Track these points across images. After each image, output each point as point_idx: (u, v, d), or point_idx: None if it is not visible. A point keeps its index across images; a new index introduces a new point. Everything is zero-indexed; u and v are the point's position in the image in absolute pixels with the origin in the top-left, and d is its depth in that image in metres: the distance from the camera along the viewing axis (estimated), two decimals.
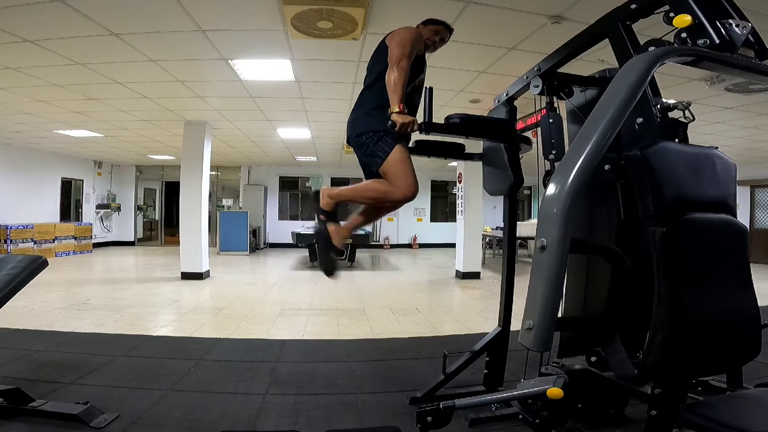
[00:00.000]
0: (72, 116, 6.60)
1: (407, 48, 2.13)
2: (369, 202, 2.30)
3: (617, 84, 1.10)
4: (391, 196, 2.15)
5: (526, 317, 1.03)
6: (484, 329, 3.39)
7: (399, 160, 2.11)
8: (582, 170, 0.99)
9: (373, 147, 2.15)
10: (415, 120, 2.04)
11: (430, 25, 2.45)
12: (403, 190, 2.10)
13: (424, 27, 2.44)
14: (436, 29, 2.44)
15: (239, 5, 3.15)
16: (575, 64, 2.05)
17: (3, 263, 2.26)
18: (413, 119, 2.04)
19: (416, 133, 2.16)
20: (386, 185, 2.15)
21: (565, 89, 2.02)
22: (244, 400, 2.54)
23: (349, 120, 2.33)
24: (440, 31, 2.45)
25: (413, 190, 2.13)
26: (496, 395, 1.71)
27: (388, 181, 2.14)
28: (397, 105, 2.03)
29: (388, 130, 2.12)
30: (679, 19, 1.32)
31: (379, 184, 2.17)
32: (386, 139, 2.13)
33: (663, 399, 1.31)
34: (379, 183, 2.18)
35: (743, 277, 1.36)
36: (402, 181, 2.10)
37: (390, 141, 2.13)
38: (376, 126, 2.16)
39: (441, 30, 2.45)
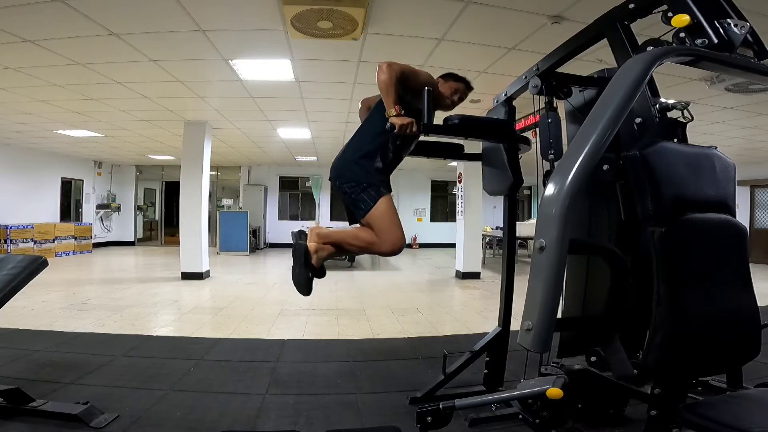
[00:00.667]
0: (72, 116, 6.60)
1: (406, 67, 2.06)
2: (356, 251, 2.25)
3: (616, 84, 1.10)
4: (377, 249, 2.09)
5: (525, 318, 1.03)
6: (484, 329, 3.39)
7: (384, 213, 2.05)
8: (581, 170, 0.99)
9: (357, 197, 2.09)
10: (413, 121, 1.99)
11: (451, 80, 2.32)
12: (389, 244, 2.05)
13: (444, 82, 2.32)
14: (457, 87, 2.32)
15: (239, 5, 3.15)
16: (574, 64, 2.05)
17: (3, 263, 2.26)
18: (412, 120, 1.99)
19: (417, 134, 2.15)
20: (373, 236, 2.08)
21: (563, 89, 2.02)
22: (244, 400, 2.54)
23: (335, 162, 2.23)
24: (460, 90, 2.33)
25: (400, 244, 2.06)
26: (496, 395, 1.71)
27: (375, 232, 2.07)
28: (393, 108, 1.98)
29: (373, 182, 2.08)
30: (678, 19, 1.32)
31: (367, 235, 2.10)
32: (370, 192, 2.07)
33: (663, 399, 1.31)
34: (366, 233, 2.11)
35: (743, 277, 1.36)
36: (388, 235, 2.04)
37: (374, 194, 2.07)
38: (362, 177, 2.10)
39: (461, 89, 2.33)
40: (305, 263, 2.18)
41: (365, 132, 2.22)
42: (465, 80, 2.35)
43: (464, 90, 2.35)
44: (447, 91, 2.31)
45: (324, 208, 13.74)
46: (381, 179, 2.13)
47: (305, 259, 2.18)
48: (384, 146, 2.15)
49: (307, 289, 2.23)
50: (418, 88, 2.09)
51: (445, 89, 2.31)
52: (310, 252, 2.18)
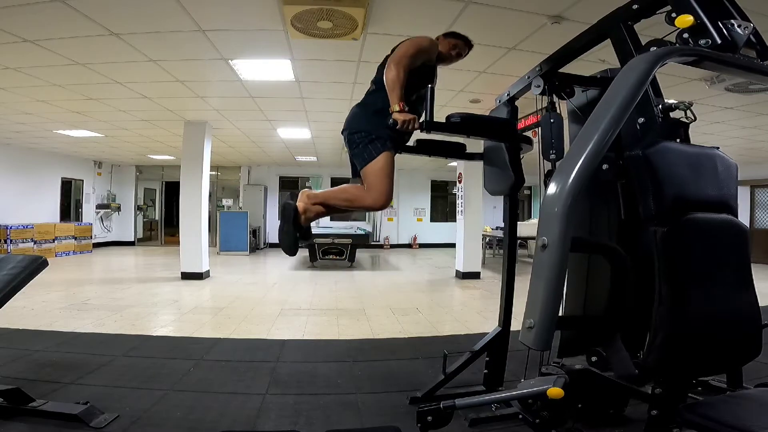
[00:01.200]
0: (72, 116, 6.59)
1: (411, 50, 2.14)
2: (341, 204, 2.30)
3: (618, 84, 1.10)
4: (361, 201, 2.18)
5: (527, 316, 1.03)
6: (484, 329, 3.39)
7: (381, 167, 2.13)
8: (583, 170, 0.99)
9: (363, 147, 2.17)
10: (415, 118, 2.05)
11: (450, 38, 2.44)
12: (374, 196, 2.13)
13: (444, 39, 2.43)
14: (455, 43, 2.43)
15: (239, 5, 3.15)
16: (577, 64, 2.05)
17: (3, 263, 2.26)
18: (414, 117, 2.05)
19: (417, 132, 2.17)
20: (359, 190, 2.18)
21: (566, 89, 2.02)
22: (244, 400, 2.54)
23: (350, 114, 2.34)
24: (459, 46, 2.44)
25: (385, 199, 2.14)
26: (496, 395, 1.71)
27: (365, 184, 2.16)
28: (397, 103, 2.04)
29: (381, 135, 2.14)
30: (681, 20, 1.32)
31: (354, 189, 2.21)
32: (376, 144, 2.15)
33: (663, 399, 1.31)
34: (353, 188, 2.22)
35: (744, 277, 1.36)
36: (377, 188, 2.12)
37: (379, 146, 2.14)
38: (372, 128, 2.17)
39: (460, 45, 2.44)
40: (293, 222, 2.25)
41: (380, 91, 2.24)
42: (464, 37, 2.46)
43: (463, 45, 2.45)
44: (447, 48, 2.41)
45: None
46: (389, 134, 2.17)
47: (294, 218, 2.24)
48: None
49: (293, 249, 2.31)
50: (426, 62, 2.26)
51: (445, 46, 2.42)
52: (299, 211, 2.25)
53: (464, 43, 2.45)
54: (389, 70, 2.08)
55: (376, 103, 2.23)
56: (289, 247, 2.29)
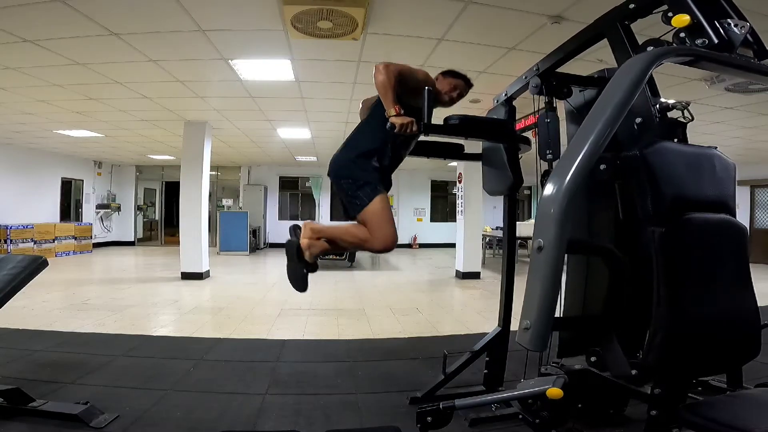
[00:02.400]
0: (72, 116, 6.60)
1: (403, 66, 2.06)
2: (349, 246, 2.28)
3: (615, 84, 1.10)
4: (369, 246, 2.11)
5: (524, 317, 1.03)
6: (484, 329, 3.39)
7: (378, 211, 2.07)
8: (579, 170, 0.99)
9: (353, 195, 2.11)
10: (413, 120, 1.99)
11: (449, 77, 2.31)
12: (381, 241, 2.07)
13: (443, 78, 2.31)
14: (456, 84, 2.30)
15: (239, 5, 3.15)
16: (574, 64, 2.05)
17: (3, 263, 2.26)
18: (412, 120, 1.99)
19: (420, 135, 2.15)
20: (366, 233, 2.11)
21: (563, 89, 2.02)
22: (244, 400, 2.54)
23: (333, 158, 2.25)
24: (459, 87, 2.31)
25: (392, 241, 2.08)
26: (496, 395, 1.71)
27: (368, 229, 2.09)
28: (393, 108, 1.98)
29: (370, 180, 2.09)
30: (678, 19, 1.32)
31: (360, 231, 2.13)
32: (366, 190, 2.09)
33: (663, 399, 1.31)
34: (359, 230, 2.13)
35: (743, 277, 1.36)
36: (381, 232, 2.06)
37: (369, 192, 2.08)
38: (359, 175, 2.11)
39: (460, 85, 2.31)
40: (298, 259, 2.22)
41: (363, 131, 2.22)
42: (465, 77, 2.34)
43: (464, 87, 2.34)
44: (446, 88, 2.30)
45: (324, 208, 13.74)
46: (378, 177, 2.13)
47: (298, 256, 2.22)
48: (382, 146, 2.15)
49: (302, 285, 2.26)
50: (416, 87, 2.08)
51: (444, 86, 2.30)
52: (302, 248, 2.21)
53: (465, 84, 2.33)
54: (378, 73, 1.99)
55: (358, 147, 2.16)
56: (298, 284, 2.25)
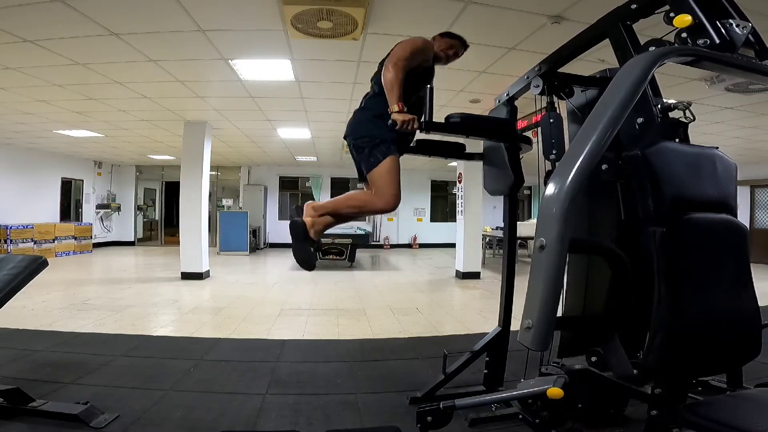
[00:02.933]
0: (72, 116, 6.60)
1: (408, 51, 2.14)
2: (351, 211, 2.31)
3: (617, 84, 1.10)
4: (372, 205, 2.19)
5: (525, 317, 1.03)
6: (484, 329, 3.39)
7: (389, 170, 2.13)
8: (581, 170, 0.99)
9: (368, 152, 2.17)
10: (415, 118, 2.05)
11: (446, 38, 2.45)
12: (385, 199, 2.13)
13: (440, 39, 2.44)
14: (452, 43, 2.44)
15: (239, 5, 3.15)
16: (576, 64, 2.05)
17: (3, 263, 2.26)
18: (413, 117, 2.05)
19: (417, 132, 2.17)
20: (368, 195, 2.19)
21: (565, 89, 2.02)
22: (244, 400, 2.54)
23: (351, 120, 2.34)
24: (455, 45, 2.45)
25: (395, 201, 2.14)
26: (496, 395, 1.71)
27: (374, 188, 2.16)
28: (396, 104, 2.04)
29: (385, 139, 2.14)
30: (680, 19, 1.32)
31: (362, 194, 2.23)
32: (381, 147, 2.15)
33: (663, 399, 1.31)
34: (361, 194, 2.24)
35: (743, 277, 1.36)
36: (386, 190, 2.13)
37: (384, 149, 2.14)
38: (375, 133, 2.17)
39: (456, 44, 2.45)
40: (304, 238, 2.24)
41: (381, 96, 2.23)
42: (460, 37, 2.47)
43: (459, 46, 2.46)
44: (443, 46, 2.42)
45: None
46: (394, 137, 2.17)
47: (304, 234, 2.24)
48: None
49: (310, 263, 2.30)
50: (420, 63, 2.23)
51: (442, 45, 2.42)
52: (307, 226, 2.24)
53: (460, 43, 2.47)
54: (387, 72, 2.08)
55: (376, 107, 2.22)
56: (306, 262, 2.29)
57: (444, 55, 2.43)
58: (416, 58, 2.19)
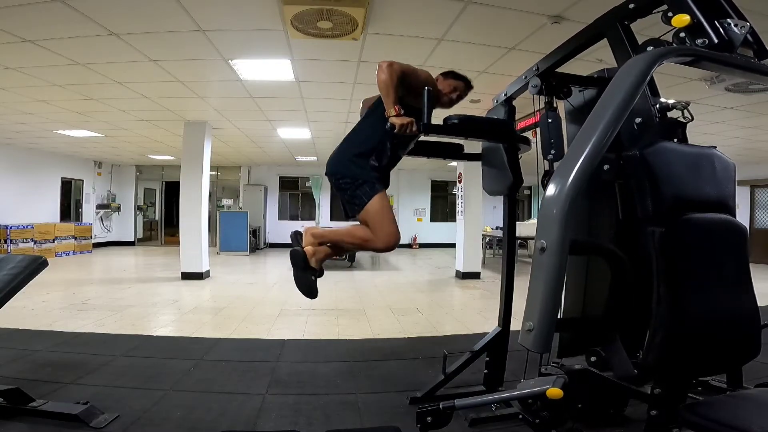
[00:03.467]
0: (72, 116, 6.60)
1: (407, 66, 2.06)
2: (352, 248, 2.28)
3: (616, 84, 1.10)
4: (372, 245, 2.12)
5: (527, 318, 1.03)
6: (484, 329, 3.39)
7: (378, 209, 2.07)
8: (581, 171, 0.99)
9: (352, 194, 2.11)
10: (413, 121, 2.00)
11: (450, 78, 2.32)
12: (384, 240, 2.07)
13: (443, 79, 2.32)
14: (456, 85, 2.31)
15: (239, 5, 3.15)
16: (574, 63, 2.05)
17: (3, 263, 2.26)
18: (412, 120, 1.99)
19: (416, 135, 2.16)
20: (368, 233, 2.11)
21: (563, 89, 2.02)
22: (244, 400, 2.54)
23: (331, 157, 2.24)
24: (459, 88, 2.32)
25: (395, 240, 2.08)
26: (496, 395, 1.71)
27: (370, 228, 2.10)
28: (393, 108, 1.98)
29: (368, 179, 2.09)
30: (678, 19, 1.32)
31: (361, 232, 2.14)
32: (365, 188, 2.09)
33: (663, 399, 1.31)
34: (361, 230, 2.15)
35: (743, 277, 1.36)
36: (383, 231, 2.07)
37: (368, 190, 2.09)
38: (357, 173, 2.11)
39: (460, 87, 2.32)
40: (305, 268, 2.20)
41: (362, 131, 2.22)
42: (465, 78, 2.35)
43: (464, 88, 2.35)
44: (446, 89, 2.30)
45: (324, 208, 13.75)
46: (376, 176, 2.13)
47: (305, 264, 2.20)
48: (381, 145, 2.15)
49: (312, 292, 2.23)
50: (417, 88, 2.07)
51: (445, 87, 2.30)
52: (308, 256, 2.20)
53: (465, 86, 2.34)
54: (380, 72, 1.99)
55: (356, 147, 2.16)
56: (308, 291, 2.24)
57: (447, 98, 2.31)
58: (411, 75, 2.08)
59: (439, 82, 2.31)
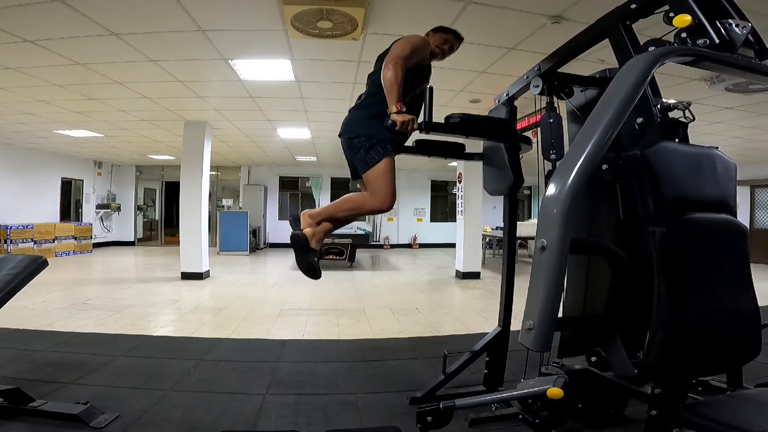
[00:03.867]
0: (72, 116, 6.60)
1: (407, 50, 2.14)
2: (348, 214, 2.32)
3: (617, 84, 1.10)
4: (367, 206, 2.21)
5: (527, 317, 1.03)
6: (484, 329, 3.39)
7: (384, 170, 2.15)
8: (582, 170, 0.99)
9: (364, 152, 2.18)
10: (414, 118, 2.06)
11: (440, 33, 2.45)
12: (380, 199, 2.15)
13: (434, 34, 2.44)
14: (446, 38, 2.44)
15: (239, 5, 3.15)
16: (575, 64, 2.05)
17: (3, 263, 2.26)
18: (412, 117, 2.05)
19: (416, 132, 2.17)
20: (363, 196, 2.21)
21: (565, 89, 2.02)
22: (244, 400, 2.54)
23: (346, 119, 2.33)
24: (449, 40, 2.45)
25: (391, 200, 2.16)
26: (496, 395, 1.71)
27: (369, 188, 2.18)
28: (395, 104, 2.04)
29: (382, 139, 2.15)
30: (679, 19, 1.32)
31: (357, 196, 2.25)
32: (377, 148, 2.16)
33: (663, 399, 1.31)
34: (355, 196, 2.26)
35: (743, 277, 1.36)
36: (382, 191, 2.15)
37: (380, 150, 2.16)
38: (372, 132, 2.18)
39: (450, 39, 2.46)
40: (307, 250, 2.25)
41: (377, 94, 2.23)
42: (455, 31, 2.47)
43: (453, 40, 2.46)
44: (437, 42, 2.42)
45: None
46: (390, 137, 2.18)
47: (307, 247, 2.25)
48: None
49: (315, 273, 2.30)
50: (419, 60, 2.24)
51: (436, 40, 2.42)
52: (308, 237, 2.25)
53: (455, 37, 2.46)
54: (387, 70, 2.07)
55: (372, 107, 2.22)
56: (311, 272, 2.29)
57: (440, 50, 2.44)
58: (415, 56, 2.19)
59: (431, 37, 2.43)
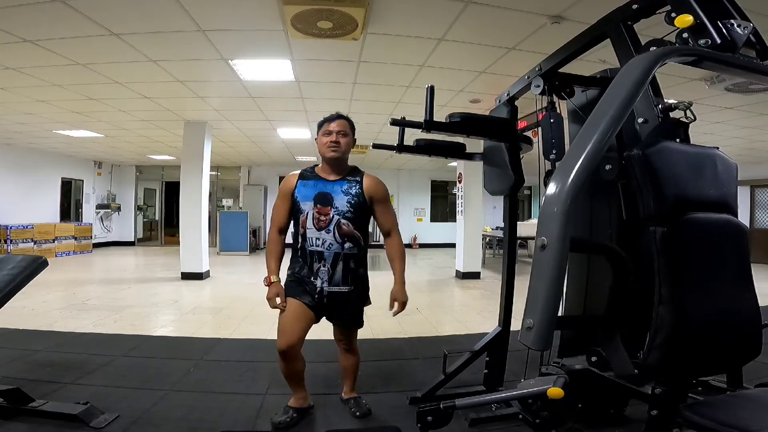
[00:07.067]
0: (72, 116, 6.59)
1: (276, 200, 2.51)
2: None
3: (618, 84, 1.09)
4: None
5: (526, 316, 1.03)
6: (484, 329, 3.38)
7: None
8: (582, 169, 0.99)
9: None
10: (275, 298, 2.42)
11: (318, 132, 2.31)
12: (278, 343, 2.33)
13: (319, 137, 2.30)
14: (324, 131, 2.27)
15: (239, 5, 3.15)
16: (576, 64, 2.05)
17: (3, 263, 2.26)
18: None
19: (416, 131, 2.17)
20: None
21: (566, 89, 2.02)
22: (244, 400, 2.54)
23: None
24: (324, 127, 2.27)
25: (278, 344, 2.39)
26: (496, 395, 1.71)
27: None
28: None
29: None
30: (681, 19, 1.32)
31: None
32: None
33: (663, 399, 1.31)
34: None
35: (744, 277, 1.36)
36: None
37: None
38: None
39: (324, 126, 2.28)
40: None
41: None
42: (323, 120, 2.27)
43: (326, 124, 2.24)
44: (321, 142, 2.25)
45: None
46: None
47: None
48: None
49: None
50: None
51: (319, 139, 2.26)
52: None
53: (326, 121, 2.27)
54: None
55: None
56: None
57: (327, 147, 2.27)
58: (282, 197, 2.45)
59: (318, 140, 2.28)
